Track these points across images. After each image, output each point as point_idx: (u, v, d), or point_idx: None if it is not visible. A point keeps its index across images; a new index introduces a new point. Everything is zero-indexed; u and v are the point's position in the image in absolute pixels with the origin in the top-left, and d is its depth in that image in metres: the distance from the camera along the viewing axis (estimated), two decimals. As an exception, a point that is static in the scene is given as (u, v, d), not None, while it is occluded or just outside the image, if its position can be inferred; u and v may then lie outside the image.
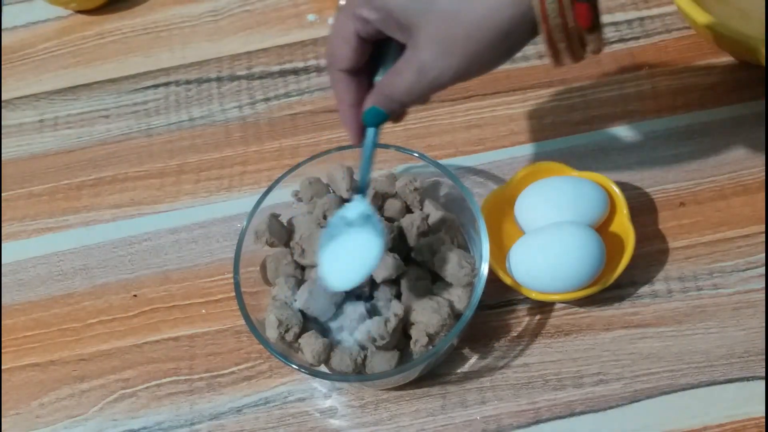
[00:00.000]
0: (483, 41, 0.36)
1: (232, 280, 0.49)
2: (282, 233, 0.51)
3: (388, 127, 0.62)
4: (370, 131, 0.42)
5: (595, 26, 0.36)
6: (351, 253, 0.44)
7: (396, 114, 0.42)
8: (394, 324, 0.46)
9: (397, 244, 0.50)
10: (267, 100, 0.65)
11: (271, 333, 0.47)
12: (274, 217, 0.51)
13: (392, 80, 0.39)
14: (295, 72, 0.66)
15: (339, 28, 0.40)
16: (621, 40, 0.63)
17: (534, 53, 0.64)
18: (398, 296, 0.49)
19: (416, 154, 0.51)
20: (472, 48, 0.37)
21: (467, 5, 0.36)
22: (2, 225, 0.61)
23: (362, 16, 0.38)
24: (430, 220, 0.51)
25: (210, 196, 0.61)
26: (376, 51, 0.42)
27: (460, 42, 0.36)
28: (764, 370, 0.49)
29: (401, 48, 0.39)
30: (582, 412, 0.49)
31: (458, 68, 0.37)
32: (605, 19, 0.64)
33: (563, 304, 0.52)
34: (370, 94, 0.41)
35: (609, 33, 0.64)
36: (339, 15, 0.40)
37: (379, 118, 0.41)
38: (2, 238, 0.61)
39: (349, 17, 0.39)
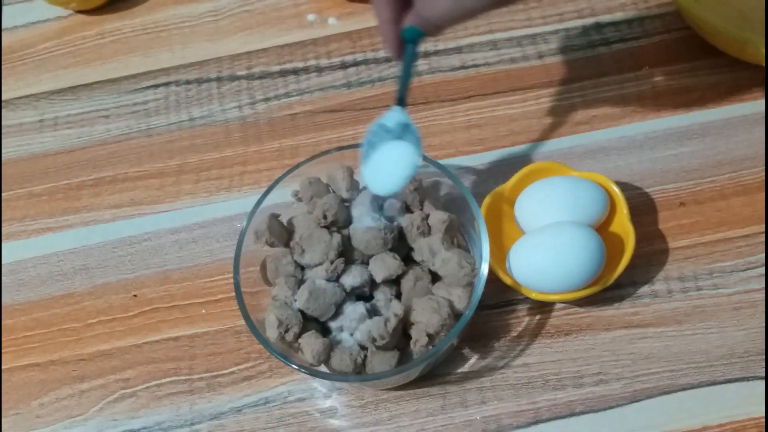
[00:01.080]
0: None
1: (232, 280, 0.49)
2: (282, 233, 0.51)
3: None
4: (409, 47, 0.45)
5: None
6: (392, 161, 0.47)
7: (432, 33, 0.44)
8: (394, 324, 0.46)
9: (397, 244, 0.50)
10: (267, 100, 0.65)
11: (271, 333, 0.47)
12: (274, 217, 0.51)
13: (430, 4, 0.42)
14: (295, 72, 0.66)
15: None
16: (621, 40, 0.63)
17: (534, 53, 0.64)
18: (398, 296, 0.49)
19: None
20: None
21: None
22: (2, 225, 0.61)
23: None
24: (430, 220, 0.51)
25: (210, 196, 0.61)
26: None
27: None
28: (764, 370, 0.49)
29: None
30: (582, 412, 0.49)
31: None
32: (605, 19, 0.64)
33: (563, 304, 0.52)
34: (409, 14, 0.43)
35: (609, 33, 0.64)
36: None
37: (417, 36, 0.44)
38: (2, 238, 0.61)
39: None
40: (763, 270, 0.52)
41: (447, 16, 0.42)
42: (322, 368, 0.47)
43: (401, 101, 0.47)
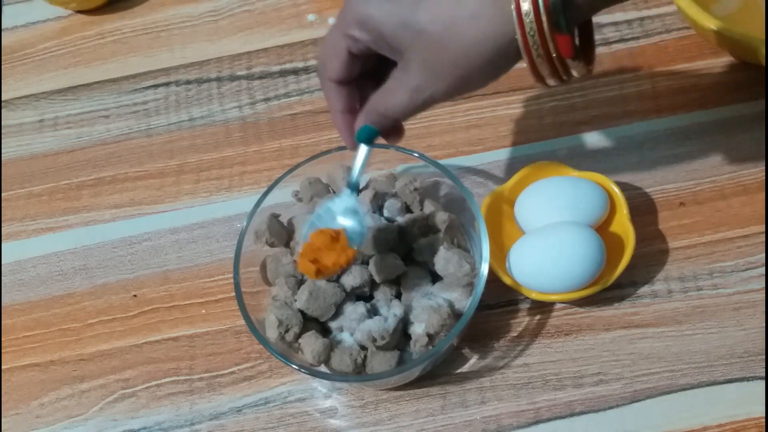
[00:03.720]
0: (470, 68, 0.38)
1: (232, 280, 0.49)
2: (282, 233, 0.51)
3: (388, 127, 0.62)
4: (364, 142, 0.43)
5: (578, 55, 0.37)
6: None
7: (388, 128, 0.43)
8: (394, 324, 0.46)
9: (397, 244, 0.50)
10: (267, 100, 0.65)
11: (271, 333, 0.47)
12: (274, 217, 0.51)
13: (385, 100, 0.40)
14: (295, 72, 0.66)
15: (331, 42, 0.41)
16: (621, 40, 0.63)
17: (534, 53, 0.64)
18: (398, 296, 0.49)
19: (416, 154, 0.51)
20: (461, 73, 0.38)
21: (454, 35, 0.37)
22: (2, 225, 0.61)
23: (353, 36, 0.39)
24: (430, 220, 0.51)
25: (210, 196, 0.61)
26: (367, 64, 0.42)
27: (448, 68, 0.38)
28: (764, 370, 0.49)
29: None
30: (582, 412, 0.49)
31: (448, 90, 0.39)
32: (605, 19, 0.64)
33: (563, 304, 0.52)
34: (362, 113, 0.42)
35: (609, 33, 0.64)
36: (332, 29, 0.41)
37: (373, 135, 0.42)
38: (2, 238, 0.61)
39: (340, 34, 0.40)
40: (763, 270, 0.52)
41: (405, 109, 0.40)
42: (322, 368, 0.47)
43: (353, 186, 0.45)
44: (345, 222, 0.45)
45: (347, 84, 0.42)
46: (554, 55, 0.36)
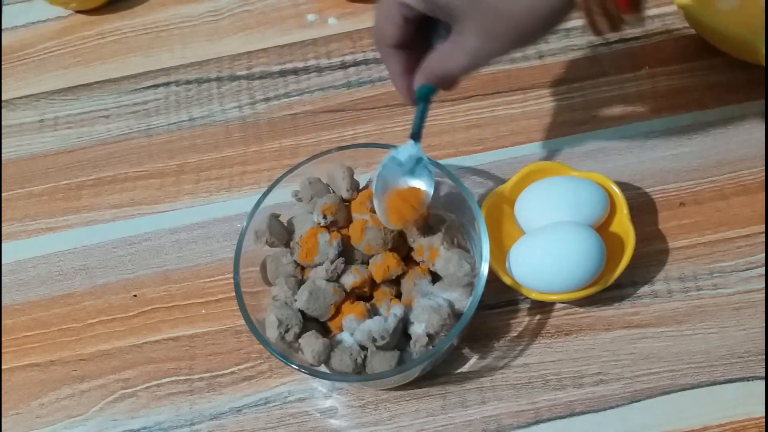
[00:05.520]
0: (527, 30, 0.39)
1: (232, 280, 0.49)
2: (282, 233, 0.51)
3: (388, 127, 0.62)
4: (423, 97, 0.45)
5: (635, 6, 0.39)
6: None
7: (447, 88, 0.45)
8: (394, 324, 0.46)
9: (397, 244, 0.50)
10: (267, 100, 0.65)
11: (271, 333, 0.47)
12: (274, 217, 0.51)
13: (444, 62, 0.42)
14: (295, 72, 0.66)
15: (385, 10, 0.43)
16: (621, 40, 0.63)
17: (534, 53, 0.64)
18: (398, 296, 0.49)
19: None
20: (518, 36, 0.40)
21: (511, 2, 0.38)
22: (2, 225, 0.61)
23: (408, 3, 0.41)
24: (430, 220, 0.51)
25: (210, 196, 0.61)
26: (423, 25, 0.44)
27: (506, 32, 0.39)
28: (764, 370, 0.49)
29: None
30: (582, 412, 0.49)
31: (505, 50, 0.41)
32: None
33: (563, 304, 0.52)
34: (421, 73, 0.44)
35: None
36: None
37: (432, 92, 0.44)
38: (2, 238, 0.61)
39: (395, 2, 0.42)
40: (763, 270, 0.52)
41: (463, 70, 0.42)
42: (322, 368, 0.47)
43: (416, 136, 0.47)
44: (415, 177, 0.47)
45: (404, 48, 0.44)
46: (612, 10, 0.38)
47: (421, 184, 0.47)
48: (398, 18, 0.42)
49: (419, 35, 0.44)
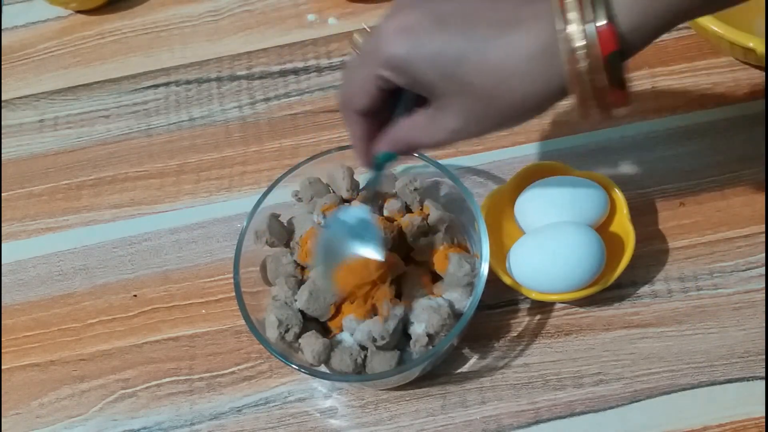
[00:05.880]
0: (513, 117, 0.37)
1: (232, 280, 0.49)
2: (282, 233, 0.51)
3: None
4: (381, 165, 0.43)
5: (630, 100, 0.37)
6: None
7: (409, 155, 0.44)
8: (394, 324, 0.46)
9: (397, 244, 0.50)
10: (267, 100, 0.65)
11: (271, 333, 0.47)
12: (274, 217, 0.51)
13: (415, 133, 0.40)
14: (295, 72, 0.66)
15: (360, 78, 0.40)
16: (621, 40, 0.63)
17: (534, 53, 0.64)
18: (398, 296, 0.49)
19: (416, 154, 0.51)
20: (502, 121, 0.37)
21: (503, 91, 0.36)
22: (2, 225, 0.61)
23: (385, 77, 0.38)
24: (430, 220, 0.51)
25: (210, 196, 0.61)
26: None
27: (492, 117, 0.37)
28: (764, 370, 0.49)
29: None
30: (582, 412, 0.49)
31: (486, 132, 0.38)
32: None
33: (563, 304, 0.52)
34: (387, 140, 0.41)
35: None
36: (360, 65, 0.39)
37: (393, 159, 0.42)
38: (2, 238, 0.61)
39: (371, 74, 0.39)
40: (763, 270, 0.52)
41: (435, 145, 0.40)
42: (322, 368, 0.47)
43: (369, 200, 0.46)
44: (363, 240, 0.45)
45: (370, 115, 0.42)
46: (608, 101, 0.36)
47: (369, 250, 0.45)
48: (372, 88, 0.39)
49: (386, 104, 0.42)
